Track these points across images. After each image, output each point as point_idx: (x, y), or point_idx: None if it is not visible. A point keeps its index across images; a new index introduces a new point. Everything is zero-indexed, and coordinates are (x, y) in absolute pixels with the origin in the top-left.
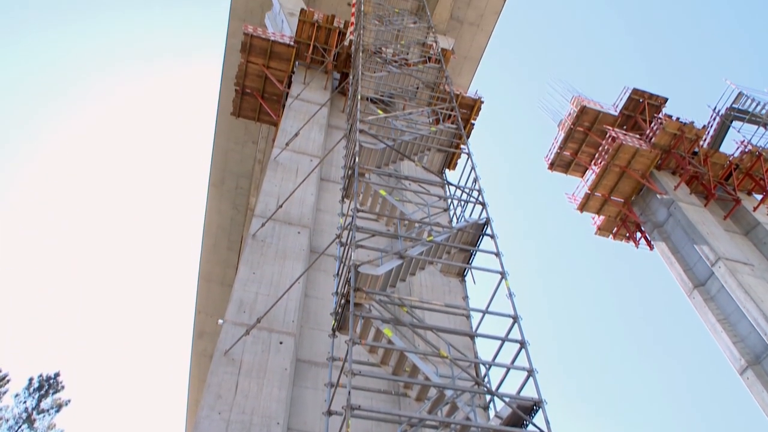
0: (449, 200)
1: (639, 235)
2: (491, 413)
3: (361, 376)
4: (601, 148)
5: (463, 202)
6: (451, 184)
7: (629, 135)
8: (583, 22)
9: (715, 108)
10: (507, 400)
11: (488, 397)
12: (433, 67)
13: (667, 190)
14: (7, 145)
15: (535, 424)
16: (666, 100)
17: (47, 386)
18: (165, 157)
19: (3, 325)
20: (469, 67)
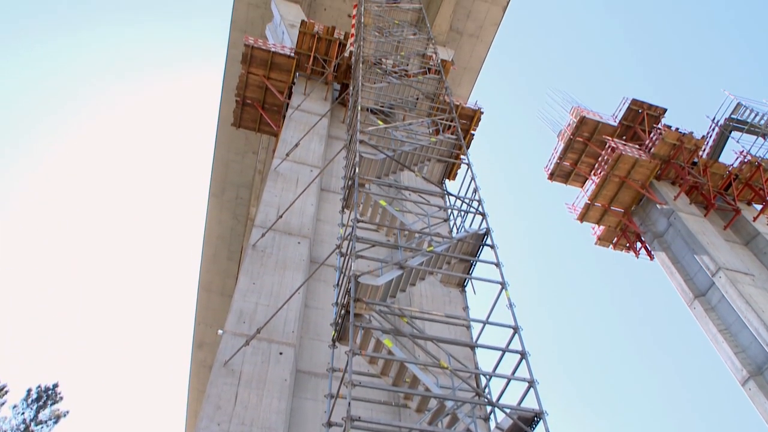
0: (449, 210)
1: (639, 245)
2: (492, 424)
3: (362, 387)
4: (600, 159)
5: (463, 213)
6: (451, 195)
7: (629, 145)
8: (582, 33)
9: (714, 118)
10: (508, 411)
11: (489, 408)
12: (433, 78)
13: (667, 200)
14: (10, 154)
15: None
16: (665, 110)
17: (45, 397)
18: (166, 167)
19: (2, 335)
20: (468, 78)
